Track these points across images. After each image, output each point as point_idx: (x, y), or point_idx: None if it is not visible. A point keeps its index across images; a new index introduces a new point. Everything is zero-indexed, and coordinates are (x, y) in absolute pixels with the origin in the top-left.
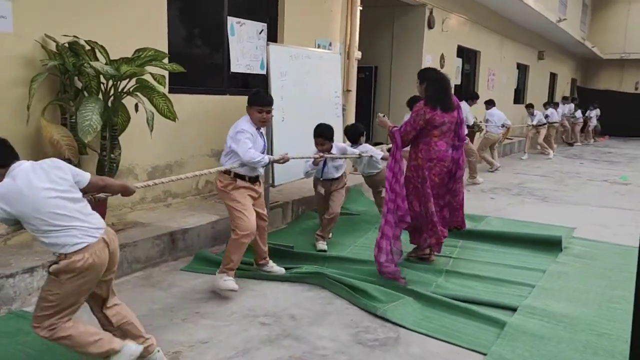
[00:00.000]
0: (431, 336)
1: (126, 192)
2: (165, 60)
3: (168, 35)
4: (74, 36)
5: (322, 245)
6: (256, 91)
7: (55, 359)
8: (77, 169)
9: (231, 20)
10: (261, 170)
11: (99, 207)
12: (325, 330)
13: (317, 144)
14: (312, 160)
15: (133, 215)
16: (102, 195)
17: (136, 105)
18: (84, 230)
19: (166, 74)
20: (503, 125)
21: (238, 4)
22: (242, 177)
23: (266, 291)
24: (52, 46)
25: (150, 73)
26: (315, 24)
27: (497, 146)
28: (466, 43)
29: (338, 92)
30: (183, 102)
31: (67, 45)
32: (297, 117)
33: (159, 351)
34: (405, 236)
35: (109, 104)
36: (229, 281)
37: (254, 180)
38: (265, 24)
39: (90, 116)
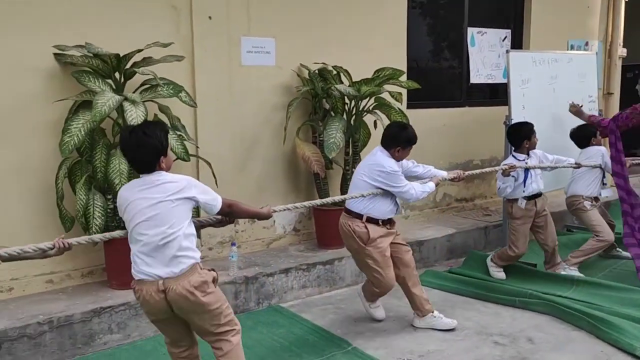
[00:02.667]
0: None
1: (260, 217)
2: (402, 78)
3: (407, 51)
4: (323, 63)
5: (498, 273)
6: (409, 127)
7: (305, 350)
8: (210, 196)
9: (471, 31)
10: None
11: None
12: (567, 359)
13: (533, 139)
14: (502, 172)
15: None
16: (214, 220)
17: (375, 122)
18: (144, 265)
19: (404, 90)
20: None
21: (479, 14)
22: (376, 222)
23: (501, 310)
24: (305, 74)
25: (388, 91)
26: (568, 23)
27: None
28: None
29: (593, 96)
30: (420, 117)
31: (317, 72)
32: (542, 126)
33: None
34: None
35: (351, 122)
36: (442, 320)
37: (387, 222)
38: (509, 30)
39: (335, 134)
